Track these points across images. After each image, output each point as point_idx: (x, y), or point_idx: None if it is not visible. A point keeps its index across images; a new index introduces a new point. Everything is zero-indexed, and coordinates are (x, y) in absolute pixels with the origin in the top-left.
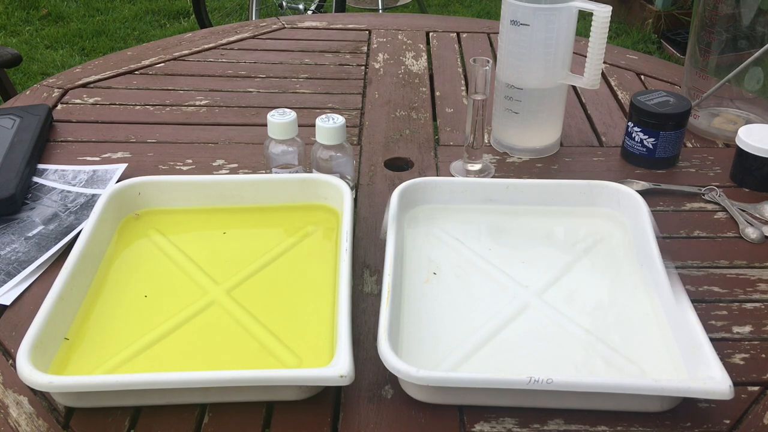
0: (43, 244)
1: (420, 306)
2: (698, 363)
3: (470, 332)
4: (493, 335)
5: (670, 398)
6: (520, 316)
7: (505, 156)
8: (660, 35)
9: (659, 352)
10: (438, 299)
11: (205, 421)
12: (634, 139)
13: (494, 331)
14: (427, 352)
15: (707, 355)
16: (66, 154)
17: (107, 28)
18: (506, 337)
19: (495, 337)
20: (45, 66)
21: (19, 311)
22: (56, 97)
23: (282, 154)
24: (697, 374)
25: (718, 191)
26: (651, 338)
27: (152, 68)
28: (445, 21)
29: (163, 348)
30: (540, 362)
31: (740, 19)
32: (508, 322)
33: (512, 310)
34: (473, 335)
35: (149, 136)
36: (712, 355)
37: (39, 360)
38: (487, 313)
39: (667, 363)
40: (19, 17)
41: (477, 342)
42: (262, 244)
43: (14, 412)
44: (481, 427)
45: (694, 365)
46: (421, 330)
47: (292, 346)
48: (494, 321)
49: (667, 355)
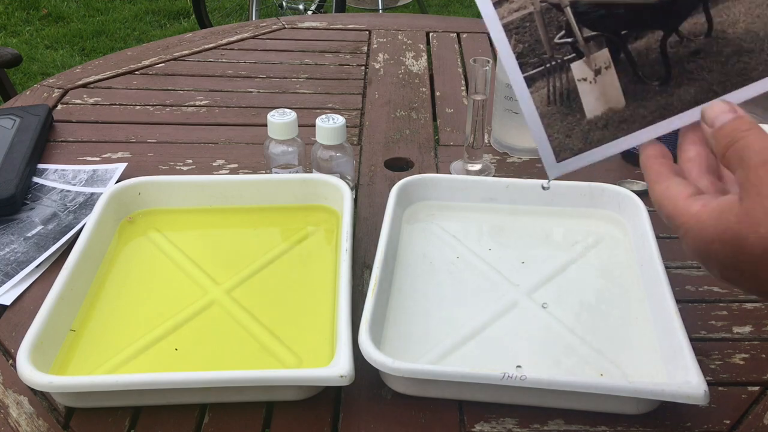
0: (42, 244)
1: (408, 300)
2: (678, 366)
3: (456, 327)
4: (478, 331)
5: (647, 401)
6: (508, 313)
7: (505, 156)
8: None
9: (641, 355)
10: (427, 294)
11: (205, 421)
12: None
13: (480, 328)
14: (411, 345)
15: (686, 359)
16: (66, 154)
17: (107, 28)
18: (491, 333)
19: (480, 334)
20: (45, 66)
21: (20, 311)
22: (56, 98)
23: (282, 154)
24: (675, 378)
25: None
26: (635, 340)
27: (152, 68)
28: (445, 21)
29: (163, 348)
30: (521, 360)
31: None
32: (494, 319)
33: (500, 308)
34: (458, 330)
35: (149, 136)
36: (691, 359)
37: (39, 360)
38: (474, 309)
39: (648, 365)
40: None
41: (461, 337)
42: (262, 244)
43: (14, 412)
44: (481, 427)
45: (673, 368)
46: (406, 323)
47: (292, 346)
48: (480, 317)
49: (648, 358)
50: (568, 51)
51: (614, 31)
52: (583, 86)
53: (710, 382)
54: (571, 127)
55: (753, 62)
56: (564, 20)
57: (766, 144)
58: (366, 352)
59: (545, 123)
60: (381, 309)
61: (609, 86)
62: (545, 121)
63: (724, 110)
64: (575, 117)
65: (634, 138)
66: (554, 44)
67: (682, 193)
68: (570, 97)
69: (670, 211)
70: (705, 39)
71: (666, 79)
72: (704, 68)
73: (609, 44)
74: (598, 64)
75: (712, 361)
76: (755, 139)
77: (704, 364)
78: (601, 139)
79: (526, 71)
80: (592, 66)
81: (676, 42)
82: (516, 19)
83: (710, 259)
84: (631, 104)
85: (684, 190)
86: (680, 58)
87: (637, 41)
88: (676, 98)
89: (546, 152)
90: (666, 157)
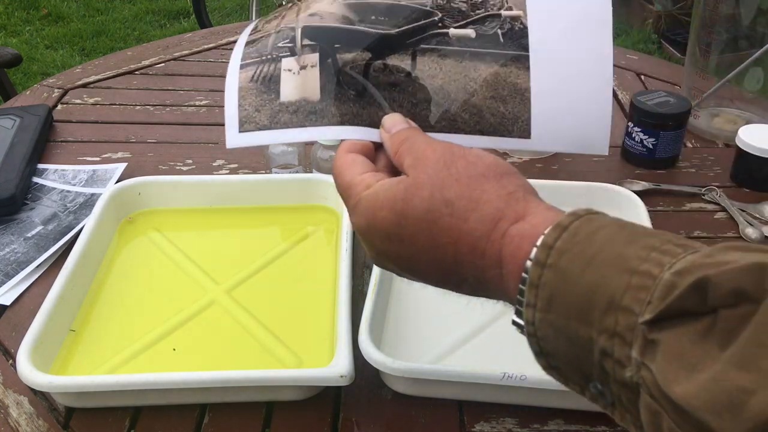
0: (42, 244)
1: (408, 300)
2: None
3: (456, 327)
4: (478, 331)
5: None
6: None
7: (505, 156)
8: (660, 35)
9: None
10: (427, 295)
11: (205, 421)
12: (634, 139)
13: (480, 328)
14: (411, 345)
15: None
16: (66, 154)
17: (107, 28)
18: (491, 333)
19: (480, 334)
20: (45, 66)
21: (20, 311)
22: (56, 97)
23: (282, 155)
24: None
25: (718, 191)
26: None
27: (152, 68)
28: None
29: (163, 348)
30: (521, 360)
31: (740, 19)
32: (495, 319)
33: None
34: (459, 330)
35: (149, 136)
36: None
37: (39, 360)
38: (475, 309)
39: None
40: (20, 17)
41: (461, 337)
42: (262, 244)
43: (14, 413)
44: (481, 427)
45: None
46: (406, 323)
47: (292, 346)
48: (481, 317)
49: None
50: (285, 52)
51: (329, 44)
52: (287, 75)
53: None
54: (263, 104)
55: (438, 115)
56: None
57: (428, 139)
58: (366, 352)
59: (240, 95)
60: (381, 309)
61: (309, 80)
62: (241, 93)
63: (400, 121)
64: (270, 97)
65: (319, 131)
66: (276, 46)
67: (362, 168)
68: (272, 80)
69: (348, 181)
70: (405, 77)
71: (362, 93)
72: (396, 101)
73: (321, 51)
74: (306, 62)
75: None
76: (420, 136)
77: None
78: (288, 123)
79: (245, 60)
80: (300, 63)
81: (380, 68)
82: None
83: (375, 229)
84: (325, 100)
85: (365, 166)
86: (379, 83)
87: (346, 54)
88: (367, 113)
89: (232, 121)
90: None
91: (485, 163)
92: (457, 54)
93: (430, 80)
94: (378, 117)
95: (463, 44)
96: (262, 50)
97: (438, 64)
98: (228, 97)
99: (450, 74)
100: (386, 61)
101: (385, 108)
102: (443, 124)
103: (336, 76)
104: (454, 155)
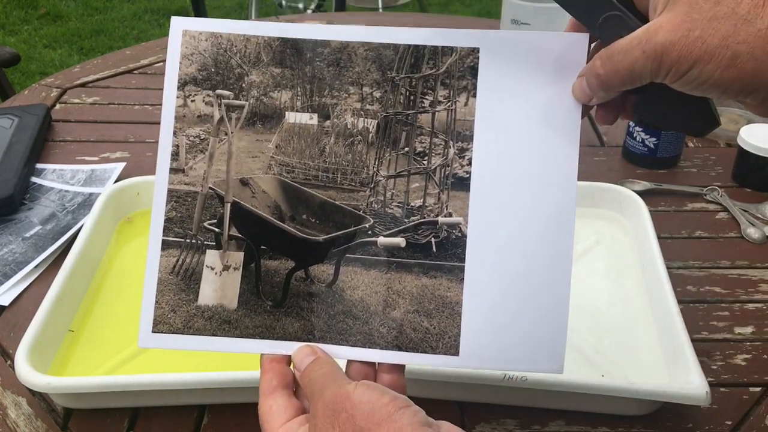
0: (40, 244)
1: None
2: (679, 367)
3: None
4: None
5: (648, 402)
6: None
7: None
8: None
9: (642, 355)
10: None
11: (204, 422)
12: (636, 139)
13: None
14: None
15: (688, 360)
16: (64, 153)
17: (106, 27)
18: None
19: None
20: (43, 65)
21: (18, 312)
22: (55, 97)
23: None
24: (677, 378)
25: (720, 191)
26: (636, 341)
27: (151, 67)
28: (446, 20)
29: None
30: None
31: None
32: None
33: None
34: None
35: (148, 135)
36: (693, 359)
37: (37, 361)
38: None
39: (649, 366)
40: (18, 16)
41: None
42: None
43: (13, 413)
44: (482, 428)
45: (675, 369)
46: None
47: None
48: None
49: (649, 359)
50: (211, 238)
51: (256, 243)
52: (208, 273)
53: (712, 383)
54: (179, 304)
55: (354, 328)
56: (220, 213)
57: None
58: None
59: (159, 289)
60: None
61: (229, 285)
62: (160, 288)
63: (307, 353)
64: (188, 297)
65: (229, 343)
66: (202, 226)
67: (279, 418)
68: (193, 277)
69: None
70: (326, 287)
71: (279, 303)
72: (313, 312)
73: (247, 251)
74: (230, 262)
75: (714, 362)
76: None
77: (706, 365)
78: (201, 330)
79: (167, 235)
80: (224, 261)
81: (302, 278)
82: (182, 190)
83: None
84: (240, 310)
85: (284, 413)
86: (299, 292)
87: (270, 260)
88: (280, 326)
89: (147, 318)
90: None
91: (363, 413)
92: (382, 264)
93: (351, 292)
94: (293, 328)
95: (390, 254)
96: (187, 226)
97: (361, 275)
98: (147, 288)
99: (372, 286)
100: (308, 270)
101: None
102: (358, 338)
103: (257, 286)
104: (336, 408)
